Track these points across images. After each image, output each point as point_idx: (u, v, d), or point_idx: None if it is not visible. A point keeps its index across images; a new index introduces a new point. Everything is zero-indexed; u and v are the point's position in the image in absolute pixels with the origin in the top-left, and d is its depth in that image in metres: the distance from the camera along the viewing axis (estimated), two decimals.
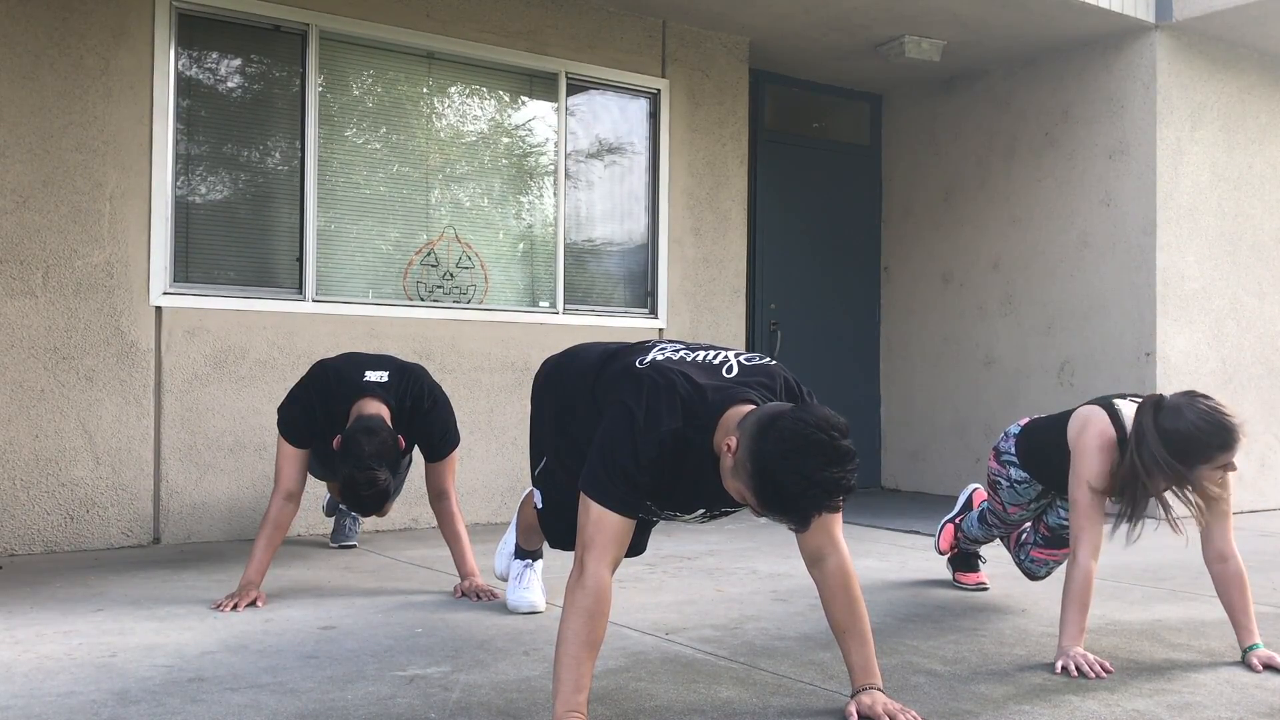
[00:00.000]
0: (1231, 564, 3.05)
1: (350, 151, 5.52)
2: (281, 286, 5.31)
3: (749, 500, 2.30)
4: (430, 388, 3.85)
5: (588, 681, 2.29)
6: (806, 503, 2.20)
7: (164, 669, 2.86)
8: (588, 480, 2.41)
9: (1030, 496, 3.58)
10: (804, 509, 2.22)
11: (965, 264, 7.44)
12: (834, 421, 2.23)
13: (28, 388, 4.69)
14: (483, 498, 5.79)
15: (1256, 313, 6.96)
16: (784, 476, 2.19)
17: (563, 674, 2.27)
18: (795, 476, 2.18)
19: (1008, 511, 3.70)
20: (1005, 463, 3.59)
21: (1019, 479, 3.55)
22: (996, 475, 3.64)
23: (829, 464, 2.18)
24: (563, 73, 6.08)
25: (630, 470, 2.37)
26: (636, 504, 2.41)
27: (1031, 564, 3.83)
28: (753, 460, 2.24)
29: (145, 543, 4.94)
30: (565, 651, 2.28)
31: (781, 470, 2.19)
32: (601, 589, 2.32)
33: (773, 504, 2.24)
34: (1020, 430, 3.57)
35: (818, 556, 2.54)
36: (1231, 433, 2.84)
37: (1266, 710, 2.63)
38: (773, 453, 2.20)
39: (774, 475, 2.20)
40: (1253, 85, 6.93)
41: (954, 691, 2.76)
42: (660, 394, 2.42)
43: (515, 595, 3.61)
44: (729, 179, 6.71)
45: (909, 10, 6.24)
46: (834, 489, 2.19)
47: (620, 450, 2.39)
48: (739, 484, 2.30)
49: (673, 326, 6.46)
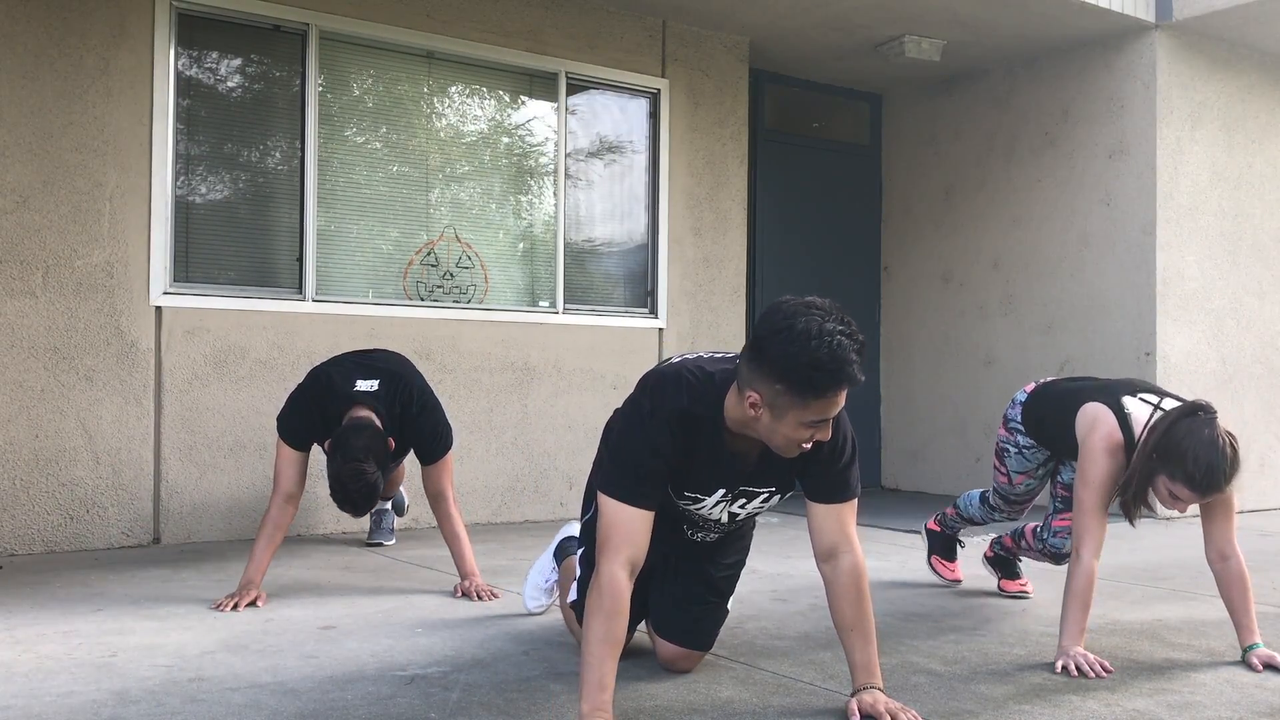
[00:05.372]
0: (1233, 563, 3.05)
1: (350, 151, 5.52)
2: (281, 286, 5.31)
3: (805, 416, 2.30)
4: (420, 392, 3.89)
5: (611, 680, 2.29)
6: (843, 353, 2.23)
7: (164, 669, 2.86)
8: (600, 478, 2.46)
9: (1038, 461, 3.67)
10: (844, 362, 2.23)
11: (965, 264, 7.44)
12: (784, 298, 2.33)
13: (28, 388, 4.69)
14: (482, 498, 5.79)
15: (1256, 313, 6.96)
16: (809, 353, 2.22)
17: (587, 674, 2.28)
18: (814, 343, 2.22)
19: (1014, 483, 3.74)
20: (1012, 429, 3.68)
21: (1026, 445, 3.65)
22: (1005, 443, 3.72)
23: (818, 318, 2.25)
24: (563, 72, 6.08)
25: (641, 459, 2.40)
26: (650, 494, 2.41)
27: (1055, 539, 3.67)
28: (776, 372, 2.27)
29: (145, 543, 4.94)
30: (588, 651, 2.30)
31: (803, 351, 2.22)
32: (618, 589, 2.32)
33: (824, 381, 2.24)
34: (1027, 397, 3.65)
35: (831, 553, 2.55)
36: (1214, 478, 2.82)
37: (1267, 710, 2.63)
38: (783, 351, 2.24)
39: (801, 359, 2.22)
40: (1253, 85, 6.93)
41: (954, 691, 2.76)
42: (665, 381, 2.50)
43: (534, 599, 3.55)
44: (729, 179, 6.71)
45: (909, 10, 6.24)
46: (846, 334, 2.24)
47: (630, 440, 2.44)
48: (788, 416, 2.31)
49: (673, 326, 6.46)
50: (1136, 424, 3.03)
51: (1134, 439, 3.02)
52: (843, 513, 2.56)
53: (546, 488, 6.01)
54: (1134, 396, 3.13)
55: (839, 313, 2.29)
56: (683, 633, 2.88)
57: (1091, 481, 3.05)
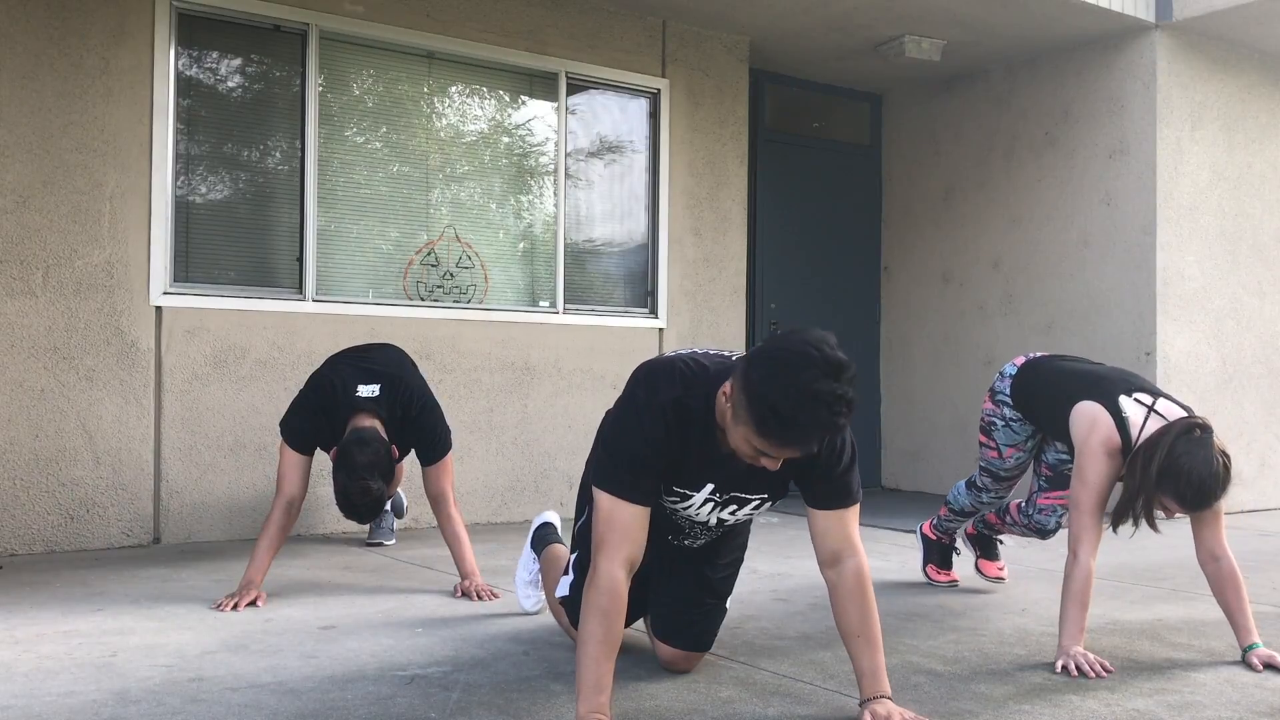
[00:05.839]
0: (1224, 563, 3.06)
1: (350, 151, 5.52)
2: (281, 286, 5.31)
3: (752, 441, 2.22)
4: (420, 394, 3.92)
5: (609, 681, 2.27)
6: (806, 418, 2.11)
7: (164, 669, 2.86)
8: (596, 473, 2.41)
9: (1026, 434, 3.69)
10: (805, 425, 2.13)
11: (965, 264, 7.44)
12: (821, 336, 2.17)
13: (28, 388, 4.69)
14: (482, 498, 5.79)
15: (1256, 312, 6.96)
16: (778, 396, 2.11)
17: (584, 675, 2.26)
18: (789, 392, 2.10)
19: (1004, 456, 3.75)
20: (999, 402, 3.69)
21: (1014, 417, 3.66)
22: (991, 416, 3.73)
23: (822, 375, 2.11)
24: (563, 72, 6.08)
25: (636, 450, 2.36)
26: (646, 488, 2.37)
27: (1040, 514, 3.76)
28: (745, 391, 2.18)
29: (145, 543, 4.95)
30: (585, 652, 2.27)
31: (774, 390, 2.12)
32: (615, 588, 2.30)
33: (774, 429, 2.15)
34: (1016, 371, 3.66)
35: (835, 558, 2.49)
36: (1204, 498, 2.86)
37: (1266, 710, 2.63)
38: (762, 375, 2.15)
39: (768, 397, 2.12)
40: (1253, 85, 6.93)
41: (954, 691, 2.76)
42: (658, 373, 2.44)
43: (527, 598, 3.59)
44: (729, 179, 6.71)
45: (909, 10, 6.24)
46: (832, 400, 2.11)
47: (624, 433, 2.39)
48: (741, 427, 2.23)
49: (673, 326, 6.46)
50: (1133, 426, 3.07)
51: (1131, 442, 3.04)
52: (845, 518, 2.48)
53: (546, 488, 6.01)
54: (1129, 397, 3.14)
55: (845, 377, 2.14)
56: (682, 635, 2.87)
57: (1090, 482, 3.07)
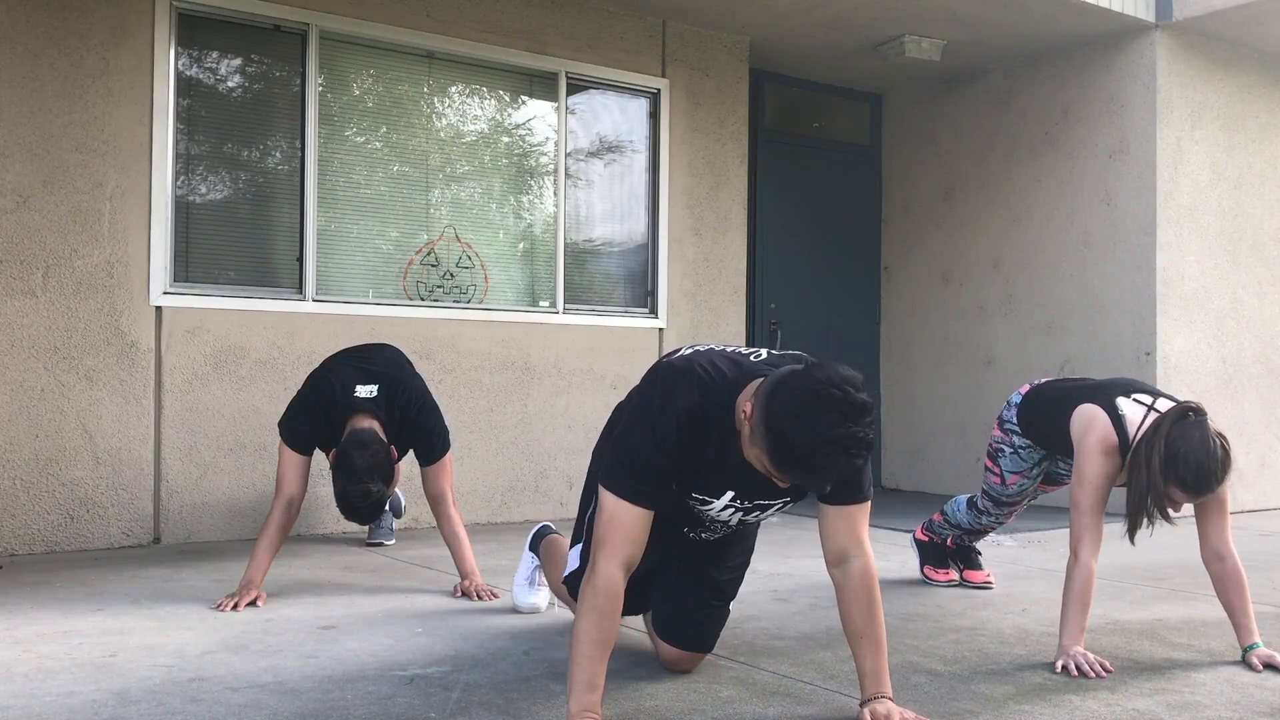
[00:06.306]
0: (1229, 563, 3.06)
1: (350, 151, 5.52)
2: (281, 286, 5.31)
3: (766, 466, 2.23)
4: (418, 395, 3.92)
5: (601, 680, 2.27)
6: (823, 461, 2.11)
7: (164, 669, 2.86)
8: (604, 473, 2.39)
9: (1033, 461, 3.73)
10: (821, 469, 2.13)
11: (965, 263, 7.44)
12: (846, 376, 2.16)
13: (28, 388, 4.69)
14: (482, 498, 5.79)
15: (1256, 312, 6.96)
16: (796, 436, 2.11)
17: (576, 673, 2.25)
18: (809, 435, 2.10)
19: (1007, 483, 3.78)
20: (1008, 430, 3.73)
21: (1022, 445, 3.70)
22: (1000, 443, 3.77)
23: (844, 419, 2.10)
24: (563, 72, 6.08)
25: (647, 456, 2.33)
26: (652, 493, 2.35)
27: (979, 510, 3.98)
28: (765, 423, 2.17)
29: (145, 543, 4.95)
30: (578, 651, 2.26)
31: (794, 430, 2.11)
32: (613, 588, 2.29)
33: (789, 467, 2.16)
34: (1022, 399, 3.70)
35: (842, 558, 2.47)
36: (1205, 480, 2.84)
37: (1266, 710, 2.63)
38: (784, 412, 2.14)
39: (786, 436, 2.12)
40: (1253, 85, 6.93)
41: (954, 691, 2.76)
42: (676, 377, 2.39)
43: (523, 598, 3.60)
44: (729, 178, 6.71)
45: (909, 10, 6.24)
46: (850, 445, 2.11)
47: (637, 437, 2.36)
48: (756, 450, 2.24)
49: (673, 326, 6.46)
50: (1130, 425, 3.06)
51: (1128, 440, 3.04)
52: (854, 515, 2.46)
53: (546, 488, 6.01)
54: (1127, 397, 3.14)
55: (866, 421, 2.14)
56: (685, 636, 2.87)
57: (1088, 482, 3.06)
